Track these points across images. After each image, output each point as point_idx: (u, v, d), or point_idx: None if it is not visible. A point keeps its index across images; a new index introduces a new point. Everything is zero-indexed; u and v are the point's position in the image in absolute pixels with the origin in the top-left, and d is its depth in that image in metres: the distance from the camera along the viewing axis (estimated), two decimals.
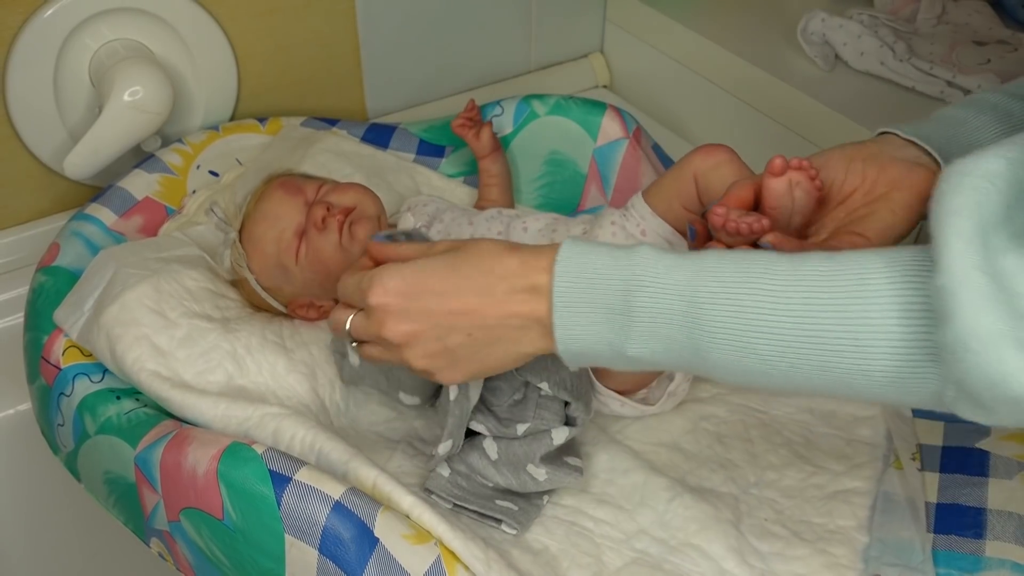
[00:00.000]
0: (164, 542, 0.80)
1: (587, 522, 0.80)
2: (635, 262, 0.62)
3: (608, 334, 0.62)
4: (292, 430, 0.78)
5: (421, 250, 0.71)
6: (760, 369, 0.59)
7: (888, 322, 0.54)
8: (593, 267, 0.62)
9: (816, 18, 1.20)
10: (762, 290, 0.58)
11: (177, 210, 1.02)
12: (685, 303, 0.60)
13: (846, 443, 0.88)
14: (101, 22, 1.04)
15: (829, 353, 0.56)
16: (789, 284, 0.58)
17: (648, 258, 0.62)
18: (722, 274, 0.59)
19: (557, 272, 0.63)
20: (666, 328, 0.60)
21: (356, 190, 0.92)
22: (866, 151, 0.75)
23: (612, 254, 0.63)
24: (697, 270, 0.60)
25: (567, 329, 0.63)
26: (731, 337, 0.59)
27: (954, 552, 0.78)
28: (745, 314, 0.58)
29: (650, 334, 0.61)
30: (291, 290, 0.91)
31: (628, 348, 0.62)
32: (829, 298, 0.56)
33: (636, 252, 0.62)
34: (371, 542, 0.69)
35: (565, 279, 0.63)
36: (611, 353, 0.63)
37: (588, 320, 0.62)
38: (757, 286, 0.58)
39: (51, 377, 0.86)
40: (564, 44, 1.41)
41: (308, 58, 1.20)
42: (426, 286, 0.67)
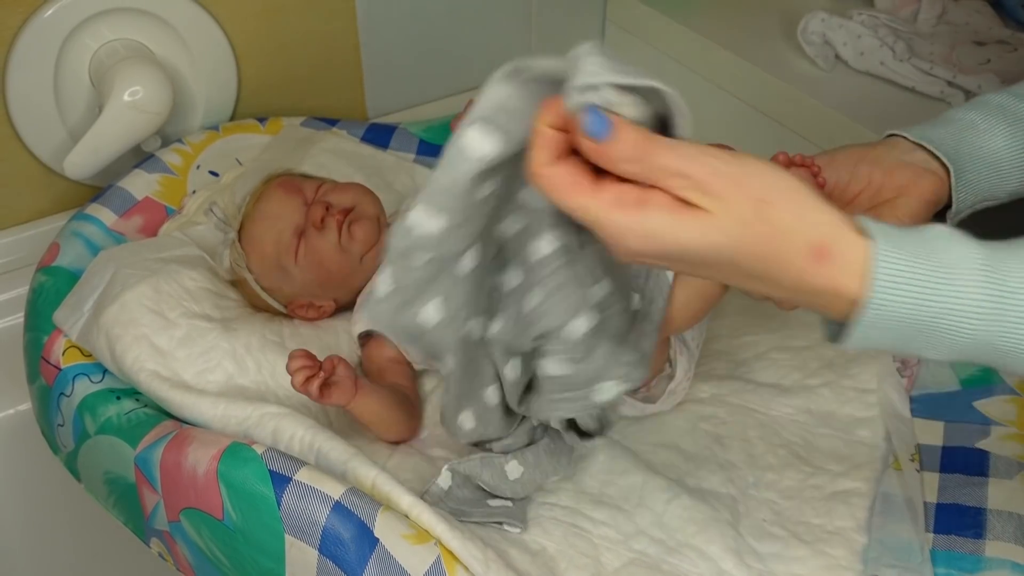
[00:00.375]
0: (164, 542, 0.80)
1: (585, 523, 0.80)
2: (956, 290, 0.52)
3: (900, 344, 0.54)
4: (291, 429, 0.78)
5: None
6: None
7: None
8: (910, 291, 0.51)
9: (816, 18, 1.19)
10: None
11: (177, 210, 1.02)
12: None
13: (845, 444, 0.88)
14: (101, 22, 1.04)
15: None
16: None
17: (965, 285, 0.52)
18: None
19: (874, 295, 0.51)
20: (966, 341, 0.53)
21: (355, 190, 0.92)
22: (873, 154, 0.74)
23: (931, 276, 0.52)
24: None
25: (862, 340, 0.53)
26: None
27: (954, 552, 0.78)
28: None
29: (948, 346, 0.53)
30: (290, 290, 0.91)
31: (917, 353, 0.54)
32: None
33: (955, 276, 0.51)
34: (371, 542, 0.69)
35: (878, 305, 0.51)
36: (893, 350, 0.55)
37: (886, 338, 0.53)
38: None
39: (51, 377, 0.86)
40: (564, 44, 1.40)
41: (308, 58, 1.20)
42: (690, 262, 0.52)
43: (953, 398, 0.89)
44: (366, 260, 0.91)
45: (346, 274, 0.90)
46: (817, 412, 0.91)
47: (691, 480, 0.84)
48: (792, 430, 0.89)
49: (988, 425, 0.86)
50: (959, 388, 0.90)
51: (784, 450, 0.86)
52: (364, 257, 0.90)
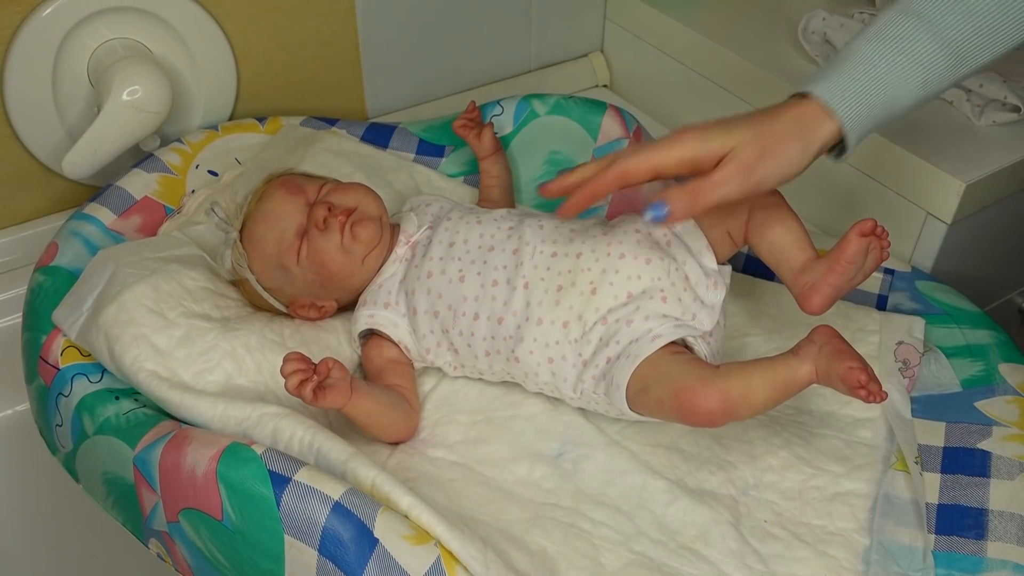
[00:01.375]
0: (163, 543, 0.79)
1: (585, 523, 0.80)
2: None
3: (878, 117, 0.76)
4: (291, 429, 0.77)
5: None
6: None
7: None
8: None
9: (817, 17, 1.19)
10: None
11: (176, 210, 1.02)
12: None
13: (846, 444, 0.87)
14: (100, 21, 1.04)
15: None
16: None
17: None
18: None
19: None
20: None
21: (358, 190, 0.92)
22: (758, 148, 0.76)
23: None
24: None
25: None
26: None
27: (955, 553, 0.78)
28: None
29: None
30: (292, 290, 0.91)
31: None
32: None
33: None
34: (371, 543, 0.69)
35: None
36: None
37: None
38: None
39: (49, 377, 0.86)
40: (564, 44, 1.41)
41: (308, 58, 1.19)
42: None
43: (954, 399, 0.89)
44: (368, 261, 0.91)
45: (348, 275, 0.90)
46: (818, 413, 0.91)
47: (691, 481, 0.84)
48: (793, 431, 0.89)
49: (989, 425, 0.86)
50: (960, 389, 0.90)
51: (785, 451, 0.86)
52: (366, 258, 0.90)
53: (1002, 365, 0.90)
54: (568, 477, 0.84)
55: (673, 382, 0.77)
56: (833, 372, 0.73)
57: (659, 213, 0.75)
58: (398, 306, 0.90)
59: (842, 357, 0.73)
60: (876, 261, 0.81)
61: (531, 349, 0.84)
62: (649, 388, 0.78)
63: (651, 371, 0.78)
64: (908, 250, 1.07)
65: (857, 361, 0.72)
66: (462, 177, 1.12)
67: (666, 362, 0.78)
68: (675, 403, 0.76)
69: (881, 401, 0.71)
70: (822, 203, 1.14)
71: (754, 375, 0.75)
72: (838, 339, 0.75)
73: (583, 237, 0.87)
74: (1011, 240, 1.15)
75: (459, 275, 0.87)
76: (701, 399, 0.75)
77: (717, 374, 0.76)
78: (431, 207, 0.95)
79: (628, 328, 0.81)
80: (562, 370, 0.84)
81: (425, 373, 0.93)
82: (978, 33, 0.73)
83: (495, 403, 0.90)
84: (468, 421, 0.88)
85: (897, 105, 0.76)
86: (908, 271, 1.01)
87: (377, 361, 0.90)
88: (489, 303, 0.86)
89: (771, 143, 0.75)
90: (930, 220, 1.04)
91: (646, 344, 0.79)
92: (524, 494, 0.82)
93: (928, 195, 1.03)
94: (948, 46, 0.74)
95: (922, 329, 0.94)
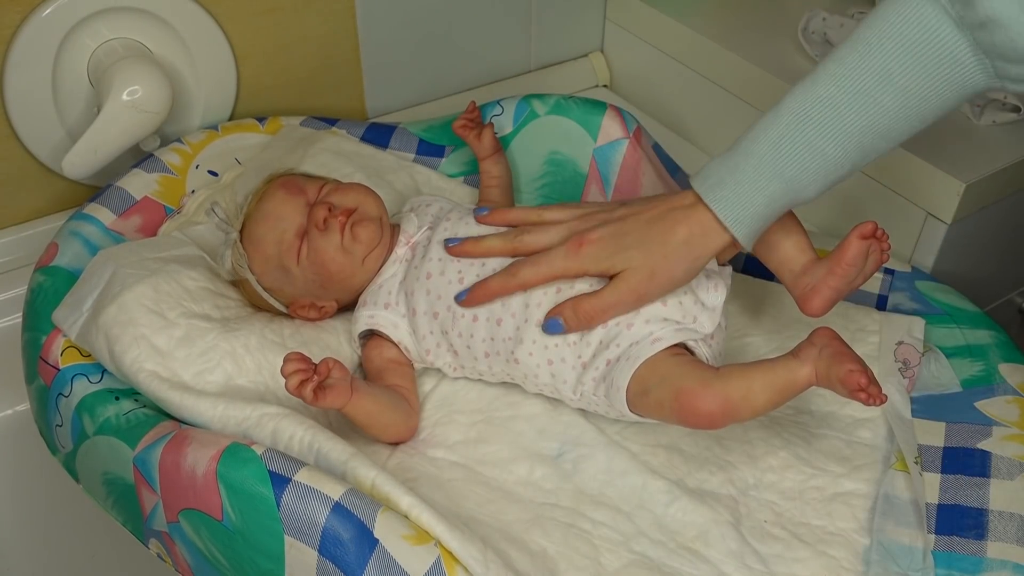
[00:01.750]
0: (163, 543, 0.79)
1: (585, 524, 0.80)
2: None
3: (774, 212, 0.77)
4: (291, 430, 0.77)
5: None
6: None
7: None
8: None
9: (817, 17, 1.19)
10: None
11: (176, 210, 1.02)
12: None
13: (846, 445, 0.87)
14: (100, 21, 1.04)
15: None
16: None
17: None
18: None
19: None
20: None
21: (358, 191, 0.92)
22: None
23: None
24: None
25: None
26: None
27: (955, 553, 0.78)
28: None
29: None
30: (292, 291, 0.91)
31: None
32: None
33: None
34: (371, 543, 0.69)
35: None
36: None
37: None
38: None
39: (49, 378, 0.86)
40: (564, 44, 1.41)
41: (307, 58, 1.19)
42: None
43: (954, 399, 0.89)
44: (368, 261, 0.91)
45: (348, 275, 0.90)
46: (818, 413, 0.91)
47: (691, 481, 0.84)
48: (793, 431, 0.89)
49: (990, 426, 0.86)
50: (960, 389, 0.90)
51: (785, 451, 0.86)
52: (366, 258, 0.90)
53: (1002, 365, 0.90)
54: (568, 477, 0.84)
55: (673, 384, 0.77)
56: (833, 375, 0.73)
57: (555, 329, 0.82)
58: (398, 306, 0.90)
59: (842, 360, 0.73)
60: (876, 264, 0.82)
61: (530, 351, 0.84)
62: (649, 390, 0.78)
63: (651, 373, 0.78)
64: (908, 250, 1.07)
65: (857, 364, 0.72)
66: (462, 177, 1.12)
67: (666, 364, 0.78)
68: (675, 405, 0.76)
69: (881, 404, 0.71)
70: (822, 203, 1.13)
71: (754, 377, 0.75)
72: (838, 341, 0.75)
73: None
74: (1011, 240, 1.15)
75: (459, 276, 0.87)
76: (701, 401, 0.75)
77: (717, 376, 0.76)
78: (431, 207, 0.95)
79: (628, 331, 0.81)
80: (561, 372, 0.84)
81: (425, 373, 0.93)
82: (878, 138, 0.73)
83: (495, 403, 0.90)
84: (468, 421, 0.88)
85: (798, 201, 0.77)
86: (908, 271, 1.01)
87: (377, 361, 0.90)
88: (488, 304, 0.86)
89: (661, 266, 0.79)
90: (930, 220, 1.04)
91: (646, 347, 0.79)
92: (524, 494, 0.82)
93: (928, 195, 1.03)
94: (850, 152, 0.73)
95: (922, 329, 0.94)
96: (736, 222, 0.76)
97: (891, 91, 0.70)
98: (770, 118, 0.75)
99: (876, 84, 0.70)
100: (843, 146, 0.73)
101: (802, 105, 0.73)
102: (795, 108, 0.74)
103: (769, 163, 0.74)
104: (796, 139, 0.73)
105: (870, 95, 0.71)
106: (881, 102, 0.71)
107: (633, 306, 0.81)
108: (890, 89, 0.70)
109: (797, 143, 0.73)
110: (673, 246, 0.78)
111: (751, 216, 0.76)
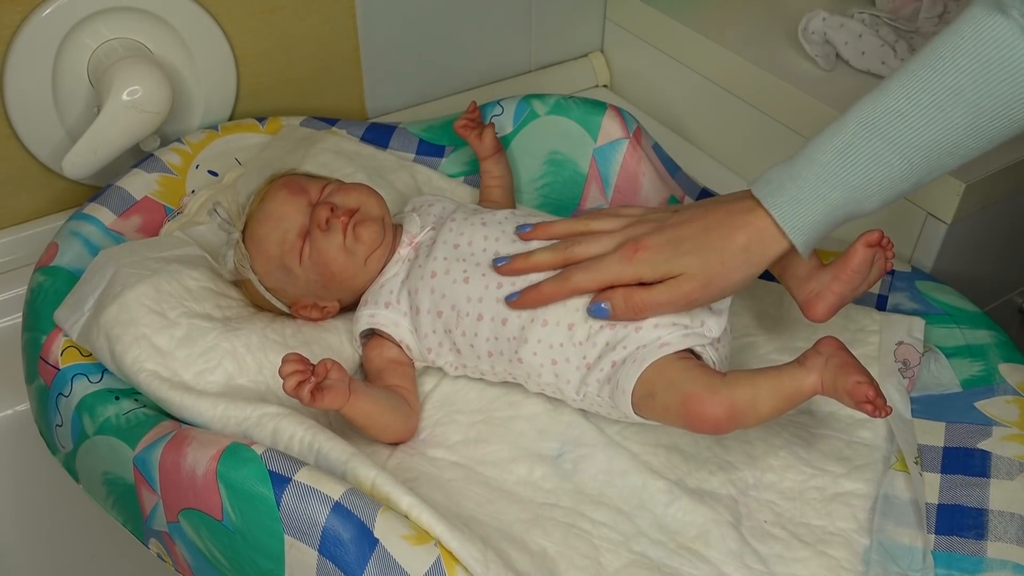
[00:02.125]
0: (163, 543, 0.79)
1: (585, 524, 0.80)
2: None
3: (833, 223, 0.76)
4: (291, 430, 0.77)
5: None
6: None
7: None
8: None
9: (817, 17, 1.19)
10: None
11: (176, 210, 1.02)
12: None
13: (846, 445, 0.87)
14: (100, 21, 1.04)
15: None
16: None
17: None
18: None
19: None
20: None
21: (360, 191, 0.92)
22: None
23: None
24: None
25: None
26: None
27: (955, 553, 0.78)
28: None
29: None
30: (294, 291, 0.91)
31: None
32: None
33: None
34: (371, 543, 0.69)
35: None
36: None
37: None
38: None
39: (49, 377, 0.86)
40: (564, 44, 1.41)
41: (308, 57, 1.19)
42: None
43: (954, 399, 0.89)
44: (370, 261, 0.90)
45: (350, 275, 0.90)
46: (818, 413, 0.91)
47: (691, 481, 0.84)
48: (793, 431, 0.89)
49: (989, 426, 0.86)
50: (960, 389, 0.90)
51: (785, 451, 0.86)
52: (369, 258, 0.90)
53: (1002, 365, 0.90)
54: (568, 477, 0.84)
55: (680, 389, 0.77)
56: (840, 385, 0.73)
57: (599, 314, 0.81)
58: (399, 305, 0.90)
59: (849, 371, 0.73)
60: (880, 271, 0.83)
61: (535, 350, 0.84)
62: (655, 393, 0.78)
63: (658, 376, 0.78)
64: (908, 250, 1.07)
65: (864, 375, 0.73)
66: (462, 177, 1.12)
67: (673, 368, 0.78)
68: (682, 410, 0.76)
69: (886, 416, 0.72)
70: None
71: (761, 384, 0.76)
72: (844, 351, 0.75)
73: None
74: (1011, 240, 1.15)
75: (463, 276, 0.87)
76: (708, 407, 0.75)
77: (724, 382, 0.76)
78: (433, 207, 0.95)
79: (636, 334, 0.81)
80: (565, 372, 0.84)
81: (425, 373, 0.93)
82: (945, 154, 0.72)
83: (495, 403, 0.90)
84: (468, 421, 0.88)
85: (859, 213, 0.76)
86: (908, 271, 1.01)
87: (377, 361, 0.90)
88: (493, 304, 0.86)
89: (717, 274, 0.78)
90: (930, 220, 1.04)
91: (653, 350, 0.79)
92: (524, 494, 0.82)
93: (928, 195, 1.03)
94: (916, 166, 0.73)
95: (922, 329, 0.94)
96: (795, 229, 0.75)
97: (961, 107, 0.70)
98: (835, 127, 0.74)
99: (947, 99, 0.70)
100: (909, 159, 0.72)
101: (870, 115, 0.73)
102: (862, 118, 0.73)
103: (832, 171, 0.74)
104: (861, 149, 0.73)
105: (940, 109, 0.70)
106: (951, 118, 0.70)
107: (682, 308, 0.80)
108: (960, 105, 0.70)
109: (862, 153, 0.73)
110: (731, 253, 0.77)
111: (811, 224, 0.75)
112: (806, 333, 0.95)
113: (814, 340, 0.78)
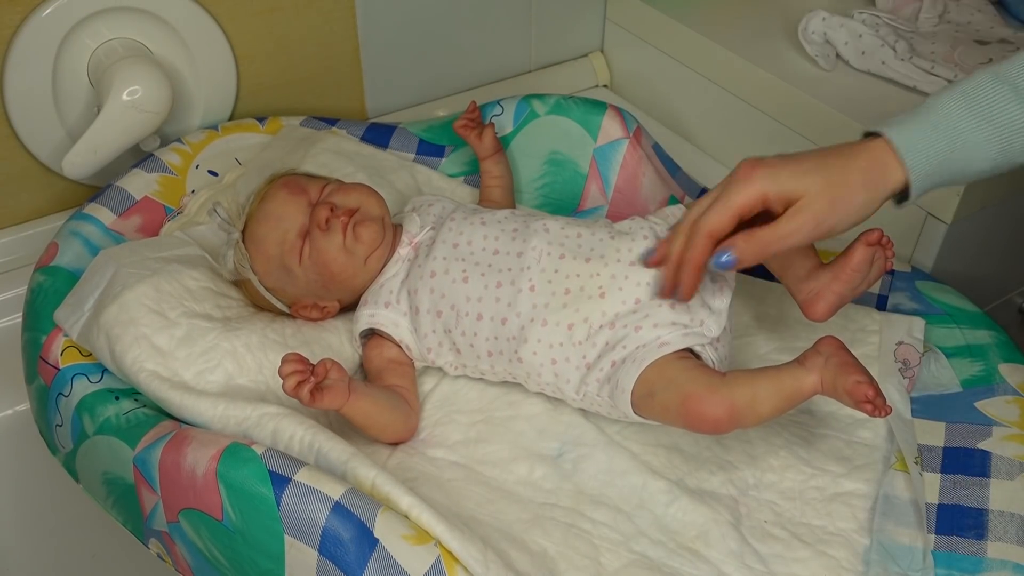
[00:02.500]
0: (163, 543, 0.79)
1: (585, 524, 0.80)
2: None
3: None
4: (291, 430, 0.77)
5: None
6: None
7: None
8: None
9: (817, 17, 1.19)
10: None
11: (176, 210, 1.02)
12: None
13: (846, 445, 0.87)
14: (100, 21, 1.04)
15: None
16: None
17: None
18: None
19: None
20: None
21: (360, 191, 0.92)
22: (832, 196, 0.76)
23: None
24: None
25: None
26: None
27: (955, 553, 0.78)
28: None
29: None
30: (294, 291, 0.91)
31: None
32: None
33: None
34: (371, 543, 0.69)
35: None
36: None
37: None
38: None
39: (49, 377, 0.86)
40: (564, 44, 1.41)
41: (308, 58, 1.19)
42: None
43: (954, 399, 0.89)
44: (370, 261, 0.90)
45: (350, 275, 0.90)
46: (818, 413, 0.91)
47: (691, 481, 0.84)
48: (793, 431, 0.89)
49: (990, 426, 0.86)
50: (960, 389, 0.90)
51: (785, 451, 0.86)
52: (368, 258, 0.90)
53: (1002, 365, 0.90)
54: (568, 477, 0.84)
55: (680, 388, 0.77)
56: (840, 385, 0.73)
57: (727, 261, 0.76)
58: (399, 305, 0.90)
59: (849, 370, 0.73)
60: (880, 271, 0.83)
61: (535, 350, 0.84)
62: (655, 393, 0.78)
63: (658, 376, 0.78)
64: (908, 250, 1.07)
65: (864, 375, 0.73)
66: (462, 177, 1.12)
67: (673, 367, 0.78)
68: (682, 410, 0.76)
69: (886, 415, 0.72)
70: None
71: (760, 384, 0.76)
72: (844, 351, 0.75)
73: (591, 242, 0.87)
74: (1011, 240, 1.15)
75: (463, 276, 0.87)
76: (708, 407, 0.75)
77: (724, 382, 0.76)
78: (433, 207, 0.95)
79: (636, 334, 0.81)
80: (565, 371, 0.84)
81: (425, 373, 0.93)
82: None
83: (495, 403, 0.90)
84: (468, 421, 0.88)
85: (970, 168, 0.75)
86: (908, 271, 1.01)
87: (377, 361, 0.90)
88: (493, 304, 0.86)
89: (841, 193, 0.74)
90: (930, 220, 1.04)
91: (653, 350, 0.79)
92: (524, 494, 0.82)
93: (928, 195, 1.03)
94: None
95: (922, 329, 0.94)
96: (913, 159, 0.74)
97: None
98: (958, 81, 0.76)
99: None
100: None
101: (1002, 67, 0.74)
102: (993, 68, 0.74)
103: (952, 112, 0.74)
104: (986, 89, 0.73)
105: None
106: None
107: (811, 236, 0.75)
108: None
109: (985, 95, 0.73)
110: (853, 171, 0.74)
111: (927, 160, 0.74)
112: (806, 333, 0.95)
113: (814, 340, 0.78)
